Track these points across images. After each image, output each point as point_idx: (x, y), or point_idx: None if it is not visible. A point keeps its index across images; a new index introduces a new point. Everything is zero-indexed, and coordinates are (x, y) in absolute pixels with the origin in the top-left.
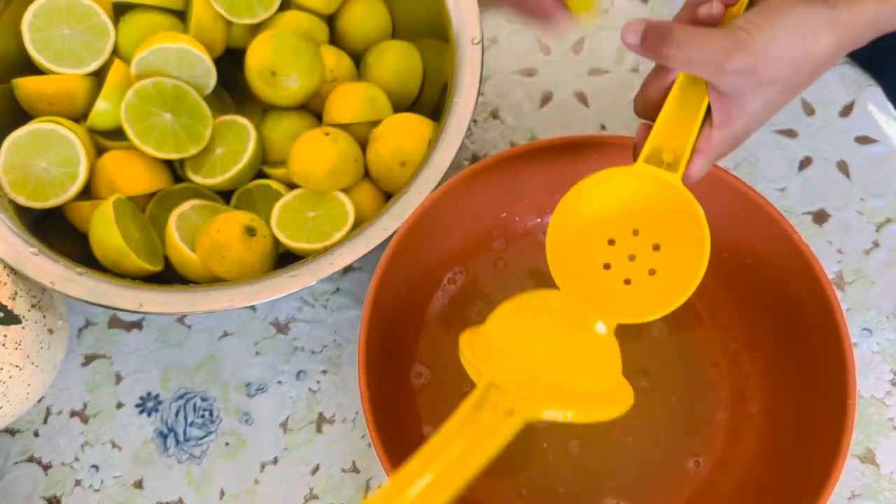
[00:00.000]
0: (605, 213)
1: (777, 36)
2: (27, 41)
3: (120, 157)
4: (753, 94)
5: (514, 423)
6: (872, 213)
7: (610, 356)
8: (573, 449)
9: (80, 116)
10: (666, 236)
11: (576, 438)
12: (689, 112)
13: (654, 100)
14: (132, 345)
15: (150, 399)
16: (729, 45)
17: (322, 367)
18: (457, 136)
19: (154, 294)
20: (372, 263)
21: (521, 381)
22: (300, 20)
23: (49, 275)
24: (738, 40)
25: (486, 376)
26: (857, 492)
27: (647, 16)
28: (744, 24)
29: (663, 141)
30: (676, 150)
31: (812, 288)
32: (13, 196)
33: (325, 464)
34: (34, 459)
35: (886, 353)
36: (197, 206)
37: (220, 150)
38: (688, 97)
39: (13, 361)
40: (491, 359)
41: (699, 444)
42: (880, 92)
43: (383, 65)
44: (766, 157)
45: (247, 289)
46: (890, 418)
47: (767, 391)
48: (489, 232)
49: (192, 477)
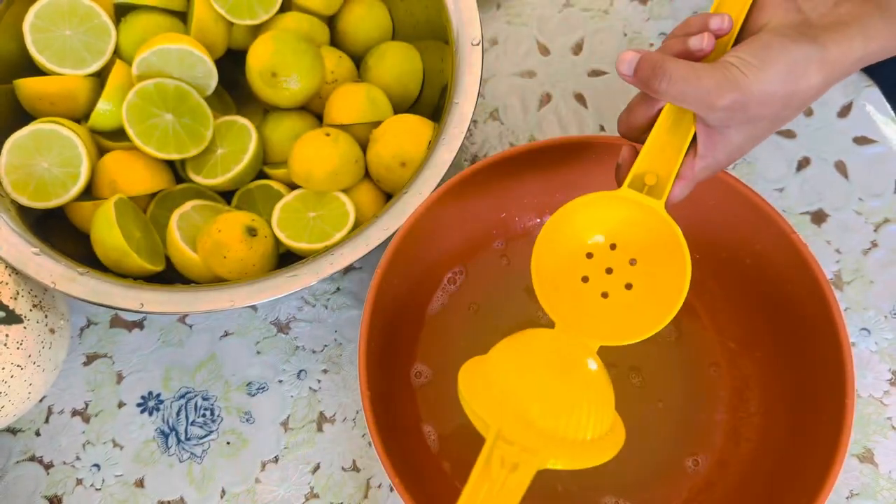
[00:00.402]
0: (586, 231)
1: (768, 76)
2: (29, 42)
3: (121, 157)
4: (739, 128)
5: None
6: (871, 214)
7: (604, 394)
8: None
9: (81, 117)
10: (643, 254)
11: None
12: (675, 140)
13: (640, 124)
14: (133, 344)
15: (151, 398)
16: (721, 83)
17: (323, 366)
18: (457, 136)
19: (155, 294)
20: (372, 263)
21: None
22: (301, 21)
23: (51, 275)
24: (730, 78)
25: (493, 429)
26: (856, 491)
27: (647, 16)
28: (735, 62)
29: (648, 165)
30: (660, 175)
31: (810, 288)
32: (15, 196)
33: (325, 463)
34: (36, 458)
35: (885, 353)
36: (198, 206)
37: (221, 150)
38: (675, 127)
39: (15, 361)
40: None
41: (698, 444)
42: (878, 92)
43: (384, 66)
44: (765, 158)
45: (248, 288)
46: (888, 417)
47: (766, 391)
48: (489, 232)
49: (194, 476)
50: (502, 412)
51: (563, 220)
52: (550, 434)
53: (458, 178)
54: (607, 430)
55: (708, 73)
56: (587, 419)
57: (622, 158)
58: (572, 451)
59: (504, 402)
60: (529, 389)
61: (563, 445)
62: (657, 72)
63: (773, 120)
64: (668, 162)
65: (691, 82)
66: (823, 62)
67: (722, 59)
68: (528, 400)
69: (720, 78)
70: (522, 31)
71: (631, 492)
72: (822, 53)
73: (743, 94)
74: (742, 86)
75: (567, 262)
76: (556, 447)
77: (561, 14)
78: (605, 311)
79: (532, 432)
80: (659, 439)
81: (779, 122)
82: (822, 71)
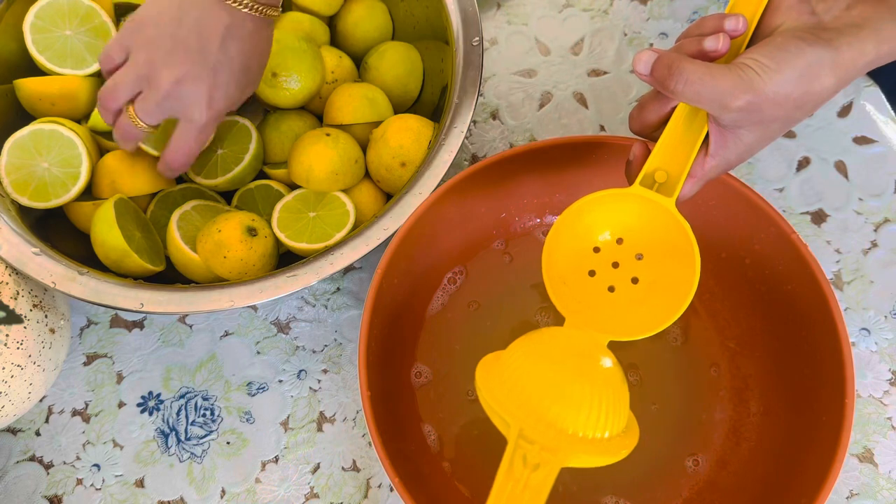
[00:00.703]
0: (596, 227)
1: (783, 79)
2: (29, 42)
3: (121, 157)
4: (752, 129)
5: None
6: (871, 213)
7: (620, 393)
8: None
9: (81, 117)
10: (651, 250)
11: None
12: (688, 139)
13: (652, 123)
14: (134, 344)
15: (151, 398)
16: (736, 84)
17: (323, 366)
18: (457, 136)
19: (155, 294)
20: (372, 263)
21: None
22: (301, 21)
23: (51, 275)
24: (746, 80)
25: (514, 429)
26: (856, 491)
27: (647, 16)
28: (751, 64)
29: (659, 163)
30: (671, 173)
31: (810, 288)
32: (15, 196)
33: (325, 463)
34: (36, 458)
35: (884, 353)
36: (198, 206)
37: (221, 150)
38: (688, 125)
39: (15, 361)
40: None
41: (698, 443)
42: (878, 92)
43: (384, 66)
44: (765, 158)
45: (248, 288)
46: (888, 417)
47: (766, 390)
48: (489, 232)
49: (194, 476)
50: (523, 412)
51: (574, 216)
52: (570, 434)
53: (458, 178)
54: (623, 428)
55: (723, 75)
56: (605, 418)
57: (633, 155)
58: (591, 450)
59: (523, 402)
60: (548, 389)
61: (583, 444)
62: (673, 72)
63: (786, 121)
64: (679, 160)
65: (707, 83)
66: (836, 64)
67: (737, 60)
68: (548, 400)
69: (735, 79)
70: (522, 31)
71: (631, 491)
72: (835, 56)
73: (757, 96)
74: (757, 87)
75: (576, 256)
76: (576, 446)
77: (561, 14)
78: (612, 305)
79: (553, 432)
80: (659, 439)
81: (790, 123)
82: (835, 73)
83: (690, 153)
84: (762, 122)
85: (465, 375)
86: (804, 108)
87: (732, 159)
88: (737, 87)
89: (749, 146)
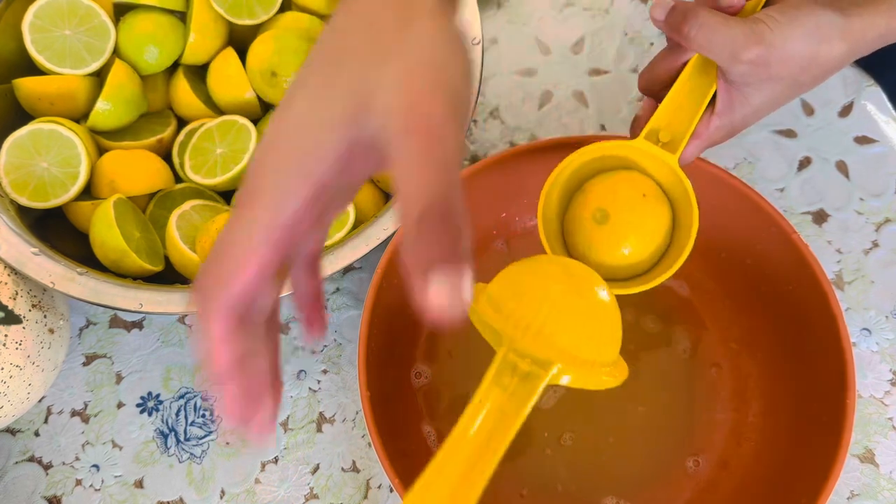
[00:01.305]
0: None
1: (794, 34)
2: (28, 42)
3: (120, 157)
4: (760, 87)
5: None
6: (871, 213)
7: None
8: (566, 441)
9: (80, 117)
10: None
11: (570, 431)
12: (694, 98)
13: (662, 78)
14: (133, 344)
15: (150, 399)
16: (748, 35)
17: (322, 366)
18: None
19: (155, 294)
20: (372, 263)
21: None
22: (300, 21)
23: (50, 275)
24: (757, 32)
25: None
26: (857, 491)
27: (647, 16)
28: (764, 18)
29: (664, 121)
30: (675, 132)
31: (811, 288)
32: (14, 196)
33: (325, 463)
34: (35, 459)
35: (885, 353)
36: (198, 206)
37: (220, 150)
38: (697, 83)
39: (14, 361)
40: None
41: (699, 444)
42: (880, 92)
43: None
44: (766, 158)
45: None
46: (889, 418)
47: (767, 391)
48: (489, 232)
49: (193, 476)
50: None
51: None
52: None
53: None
54: (614, 361)
55: (737, 25)
56: (598, 341)
57: (641, 111)
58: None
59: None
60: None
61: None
62: (688, 17)
63: (791, 84)
64: (684, 119)
65: (720, 30)
66: (846, 31)
67: (752, 16)
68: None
69: (747, 30)
70: (522, 31)
71: (632, 492)
72: (846, 22)
73: (768, 49)
74: (767, 40)
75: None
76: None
77: (561, 13)
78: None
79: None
80: (660, 439)
81: (796, 87)
82: (844, 40)
83: (696, 113)
84: (770, 79)
85: (465, 376)
86: (810, 71)
87: (737, 121)
88: (748, 38)
89: (755, 108)
